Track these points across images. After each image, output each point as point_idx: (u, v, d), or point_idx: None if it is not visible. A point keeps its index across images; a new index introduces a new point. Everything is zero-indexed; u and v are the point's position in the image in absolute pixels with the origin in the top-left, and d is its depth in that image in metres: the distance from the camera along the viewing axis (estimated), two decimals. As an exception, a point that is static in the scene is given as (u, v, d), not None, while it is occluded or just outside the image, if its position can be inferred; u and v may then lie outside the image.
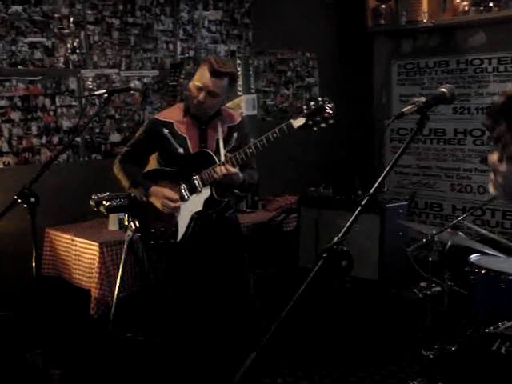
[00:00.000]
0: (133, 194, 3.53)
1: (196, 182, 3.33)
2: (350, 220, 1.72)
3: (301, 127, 3.13)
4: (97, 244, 4.05)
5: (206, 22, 5.43)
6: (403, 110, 1.85)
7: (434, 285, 3.69)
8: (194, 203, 3.36)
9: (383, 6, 6.21)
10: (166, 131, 3.43)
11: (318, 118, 3.10)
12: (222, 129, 3.45)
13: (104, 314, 3.99)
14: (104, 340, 3.94)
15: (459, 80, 5.93)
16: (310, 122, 3.11)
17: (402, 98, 6.41)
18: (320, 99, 3.12)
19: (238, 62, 5.24)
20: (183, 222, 3.37)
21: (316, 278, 1.62)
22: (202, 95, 3.31)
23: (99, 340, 4.03)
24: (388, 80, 6.53)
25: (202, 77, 3.32)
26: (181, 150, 3.41)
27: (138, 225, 3.51)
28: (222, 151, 3.39)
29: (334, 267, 1.62)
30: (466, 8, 5.56)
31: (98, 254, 4.02)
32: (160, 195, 3.36)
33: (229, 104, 4.93)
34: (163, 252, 3.49)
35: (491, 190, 1.63)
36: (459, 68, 5.97)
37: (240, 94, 5.14)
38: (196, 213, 3.35)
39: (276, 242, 4.88)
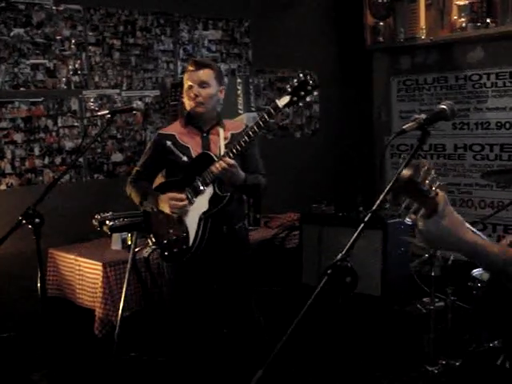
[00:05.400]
0: (146, 209, 3.54)
1: (198, 182, 3.35)
2: (354, 237, 1.73)
3: (286, 105, 3.12)
4: (100, 264, 4.06)
5: (206, 42, 5.47)
6: (404, 127, 1.86)
7: (437, 300, 3.70)
8: (200, 204, 3.36)
9: (381, 23, 6.26)
10: (169, 143, 3.48)
11: (302, 93, 3.09)
12: (225, 135, 3.47)
13: (108, 334, 3.99)
14: (108, 360, 3.94)
15: (458, 95, 5.97)
16: (295, 98, 3.09)
17: (401, 114, 6.44)
18: (301, 73, 3.11)
19: (239, 80, 5.28)
20: (192, 225, 3.37)
21: (321, 294, 1.63)
22: (194, 89, 3.39)
23: (104, 360, 4.02)
24: (387, 96, 6.57)
25: (187, 77, 3.43)
26: (185, 159, 3.44)
27: (154, 239, 3.53)
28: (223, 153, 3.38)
29: (339, 284, 1.63)
30: (464, 24, 5.60)
31: (101, 273, 4.03)
32: (166, 199, 3.38)
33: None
34: (178, 260, 3.49)
35: (417, 239, 1.71)
36: (458, 84, 6.00)
37: (241, 112, 5.17)
38: (203, 213, 3.36)
39: (278, 259, 4.88)
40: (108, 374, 3.98)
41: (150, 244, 3.57)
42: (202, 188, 3.34)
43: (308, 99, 3.12)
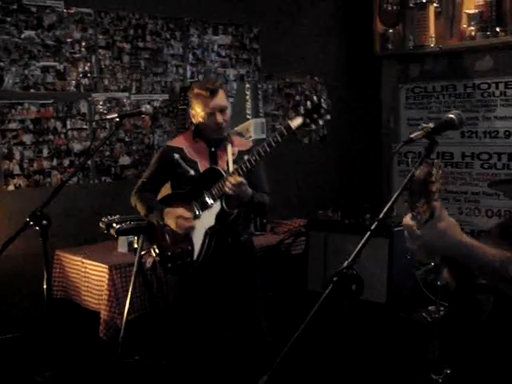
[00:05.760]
0: (151, 221, 3.54)
1: (206, 197, 3.36)
2: (360, 244, 1.74)
3: (299, 127, 3.12)
4: (106, 266, 4.06)
5: (216, 47, 5.49)
6: (412, 136, 1.87)
7: (442, 308, 3.69)
8: (207, 219, 3.37)
9: (391, 30, 6.26)
10: (176, 156, 3.49)
11: (315, 116, 3.09)
12: (233, 151, 3.48)
13: (113, 336, 4.00)
14: (113, 362, 3.95)
15: (467, 104, 5.96)
16: (308, 121, 3.10)
17: (409, 121, 6.43)
18: (315, 97, 3.11)
19: (247, 85, 5.29)
20: (198, 239, 3.38)
21: (326, 301, 1.64)
22: (218, 117, 3.41)
23: (108, 362, 4.03)
24: (396, 104, 6.56)
25: (204, 105, 3.41)
26: (192, 173, 3.45)
27: (157, 250, 3.53)
28: (232, 170, 3.39)
29: (344, 291, 1.63)
30: (473, 33, 5.60)
31: (107, 276, 4.04)
32: (174, 215, 3.39)
33: (237, 128, 4.98)
34: (181, 273, 3.50)
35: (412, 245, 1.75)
36: (466, 92, 6.00)
37: (249, 117, 5.17)
38: (209, 228, 3.36)
39: (284, 265, 4.88)
40: (112, 377, 3.99)
41: (154, 254, 3.58)
42: (210, 203, 3.34)
43: (321, 123, 3.11)
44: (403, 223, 1.75)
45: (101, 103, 4.82)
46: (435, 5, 5.83)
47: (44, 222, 2.79)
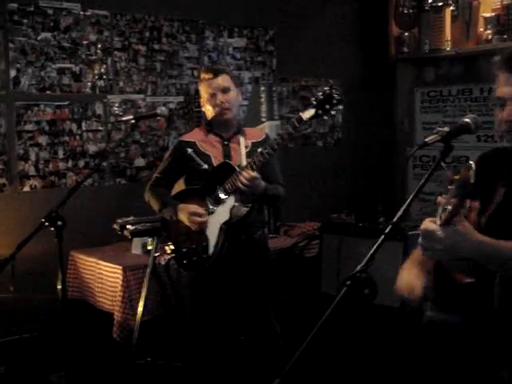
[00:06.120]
0: (164, 216, 3.55)
1: (220, 192, 3.36)
2: (374, 248, 1.73)
3: (311, 118, 3.12)
4: (120, 267, 4.07)
5: (231, 49, 5.49)
6: (426, 139, 1.86)
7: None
8: (221, 214, 3.37)
9: (406, 33, 6.24)
10: (190, 150, 3.50)
11: (327, 106, 3.10)
12: (246, 144, 3.48)
13: (126, 338, 4.01)
14: (126, 363, 3.95)
15: (482, 108, 5.92)
16: (320, 112, 3.11)
17: (424, 125, 6.40)
18: (326, 87, 3.14)
19: (262, 88, 5.29)
20: (213, 234, 3.38)
21: (339, 305, 1.63)
22: (219, 97, 3.41)
23: (121, 363, 4.04)
24: (411, 107, 6.54)
25: (207, 86, 3.46)
26: (205, 167, 3.45)
27: (172, 247, 3.54)
28: (245, 163, 3.39)
29: (357, 295, 1.63)
30: (490, 36, 5.57)
31: (121, 277, 4.05)
32: (187, 211, 3.39)
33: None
34: (197, 270, 3.50)
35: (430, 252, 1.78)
36: (482, 96, 5.96)
37: (264, 120, 5.18)
38: (224, 223, 3.36)
39: (298, 268, 4.88)
40: (125, 378, 4.00)
41: (168, 251, 3.59)
42: (223, 198, 3.34)
43: (333, 113, 3.12)
44: (422, 227, 1.74)
45: (116, 105, 4.84)
46: (451, 8, 5.80)
47: (59, 222, 2.81)
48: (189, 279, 3.62)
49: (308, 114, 3.11)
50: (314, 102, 3.10)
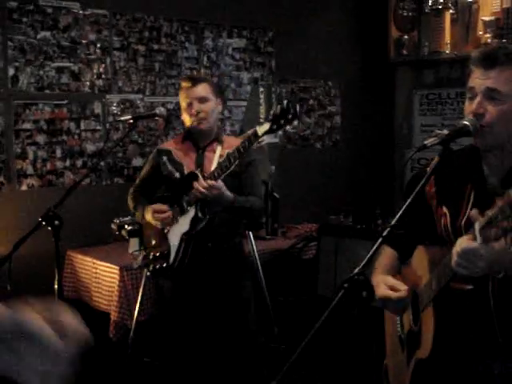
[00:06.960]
0: (137, 219, 3.56)
1: (184, 202, 3.33)
2: (372, 251, 1.73)
3: (265, 133, 3.09)
4: (117, 267, 4.07)
5: (230, 50, 5.49)
6: (425, 142, 1.86)
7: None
8: (182, 224, 3.32)
9: (406, 36, 6.25)
10: (164, 159, 3.49)
11: (282, 121, 3.06)
12: (222, 153, 3.39)
13: (123, 338, 4.00)
14: (122, 363, 3.95)
15: (481, 111, 5.92)
16: (275, 127, 3.07)
17: (423, 128, 6.41)
18: (285, 102, 3.09)
19: (261, 89, 5.29)
20: (174, 243, 3.34)
21: (336, 307, 1.63)
22: (195, 106, 3.36)
23: (117, 363, 4.03)
24: (410, 110, 6.54)
25: (185, 95, 3.42)
26: (177, 175, 3.43)
27: (144, 253, 3.53)
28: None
29: (355, 297, 1.62)
30: (489, 40, 5.57)
31: (118, 277, 4.04)
32: (151, 211, 3.37)
33: (250, 132, 4.97)
34: (162, 277, 3.50)
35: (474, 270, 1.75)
36: (481, 99, 5.96)
37: (262, 121, 5.17)
38: (185, 233, 3.31)
39: (295, 269, 4.87)
40: (120, 378, 3.99)
41: (140, 257, 3.58)
42: (186, 208, 3.32)
43: (288, 128, 3.11)
44: (462, 246, 1.73)
45: (115, 105, 4.83)
46: (451, 11, 5.81)
47: (56, 222, 2.81)
48: (166, 286, 3.60)
49: (263, 129, 3.08)
50: (271, 117, 3.08)
